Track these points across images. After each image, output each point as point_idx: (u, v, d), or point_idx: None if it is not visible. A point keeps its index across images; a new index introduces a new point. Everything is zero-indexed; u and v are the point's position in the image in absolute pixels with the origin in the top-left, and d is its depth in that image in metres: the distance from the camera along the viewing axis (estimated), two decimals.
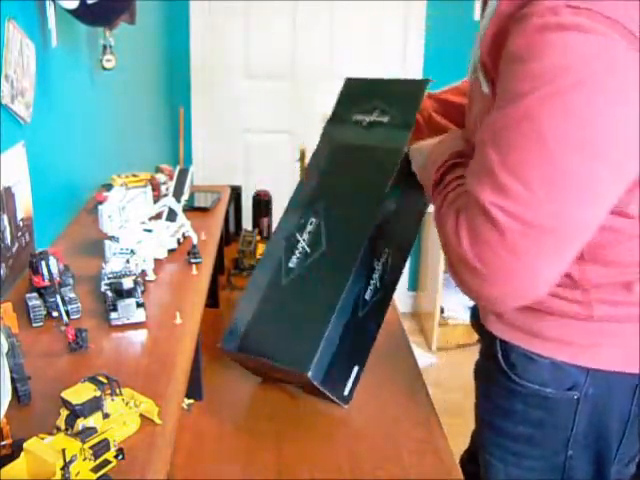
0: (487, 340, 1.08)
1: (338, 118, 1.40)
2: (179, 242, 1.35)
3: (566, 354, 0.98)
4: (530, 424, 1.04)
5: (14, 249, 1.20)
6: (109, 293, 1.07)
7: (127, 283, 1.07)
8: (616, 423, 1.02)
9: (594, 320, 0.96)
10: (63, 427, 0.77)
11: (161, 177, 1.62)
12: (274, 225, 1.99)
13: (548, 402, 1.02)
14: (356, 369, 1.16)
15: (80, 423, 0.76)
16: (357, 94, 1.43)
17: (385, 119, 1.13)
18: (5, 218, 1.16)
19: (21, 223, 1.23)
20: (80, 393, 0.78)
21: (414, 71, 3.06)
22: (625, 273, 0.94)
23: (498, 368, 1.04)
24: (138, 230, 1.26)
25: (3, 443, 0.77)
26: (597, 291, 0.95)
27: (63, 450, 0.69)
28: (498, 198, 0.79)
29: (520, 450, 1.07)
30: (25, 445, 0.72)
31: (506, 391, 1.05)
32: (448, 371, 2.82)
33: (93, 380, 0.80)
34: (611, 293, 0.94)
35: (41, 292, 1.07)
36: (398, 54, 3.09)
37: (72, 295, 1.08)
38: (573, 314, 0.96)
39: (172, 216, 1.36)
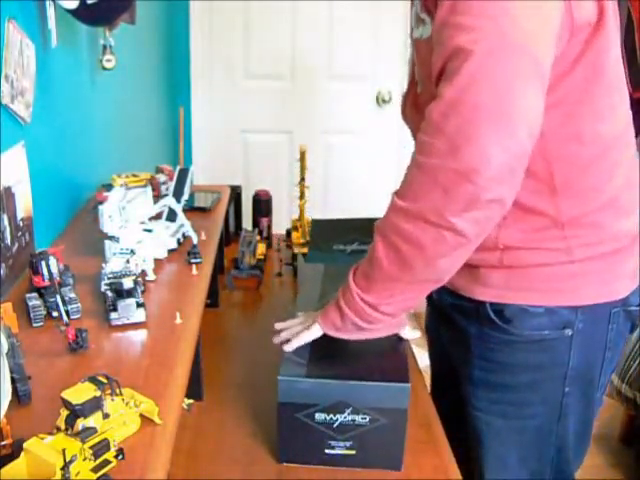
0: (469, 313, 1.15)
1: (317, 247, 1.50)
2: (179, 242, 1.35)
3: (556, 299, 1.08)
4: (531, 370, 1.13)
5: (14, 249, 1.20)
6: (109, 293, 1.07)
7: (127, 283, 1.07)
8: (599, 352, 1.14)
9: (575, 263, 1.06)
10: (63, 427, 0.77)
11: (161, 177, 1.62)
12: (274, 225, 2.00)
13: (546, 343, 1.10)
14: None
15: (80, 423, 0.76)
16: (330, 231, 1.54)
17: (366, 248, 1.13)
18: (5, 218, 1.16)
19: (21, 223, 1.23)
20: (80, 393, 0.77)
21: None
22: (594, 203, 1.05)
23: (493, 327, 1.11)
24: (138, 230, 1.26)
25: (3, 443, 0.77)
26: (574, 233, 1.05)
27: (63, 450, 0.69)
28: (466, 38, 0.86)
29: (521, 399, 1.15)
30: (25, 445, 0.72)
31: (504, 345, 1.12)
32: None
33: (93, 380, 0.80)
34: (586, 235, 1.05)
35: (41, 292, 1.07)
36: (398, 54, 3.08)
37: (72, 295, 1.08)
38: (557, 262, 1.06)
39: (172, 216, 1.36)
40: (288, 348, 1.07)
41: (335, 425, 1.03)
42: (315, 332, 1.07)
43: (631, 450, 2.44)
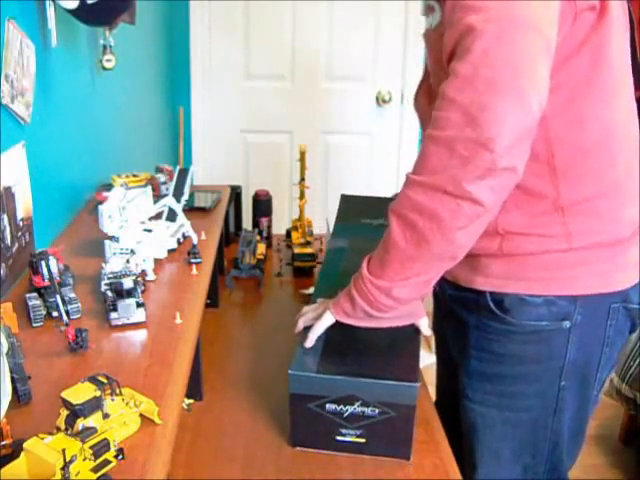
0: (469, 304, 1.16)
1: (344, 220, 1.51)
2: (179, 242, 1.35)
3: (554, 288, 1.09)
4: (527, 361, 1.13)
5: (14, 249, 1.20)
6: (109, 293, 1.07)
7: (127, 283, 1.07)
8: (596, 348, 1.14)
9: (574, 251, 1.06)
10: (63, 427, 0.77)
11: (161, 177, 1.62)
12: (274, 225, 2.00)
13: (544, 335, 1.11)
14: None
15: (80, 423, 0.76)
16: (358, 207, 1.56)
17: None
18: (5, 218, 1.16)
19: (21, 223, 1.23)
20: (80, 393, 0.78)
21: (414, 71, 3.07)
22: (595, 189, 1.05)
23: (492, 317, 1.12)
24: (138, 230, 1.26)
25: (3, 443, 0.77)
26: (574, 219, 1.05)
27: (63, 450, 0.69)
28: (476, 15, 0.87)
29: (517, 391, 1.15)
30: (25, 445, 0.72)
31: (502, 336, 1.13)
32: None
33: (93, 380, 0.80)
34: (585, 222, 1.06)
35: (41, 292, 1.07)
36: (398, 54, 3.09)
37: (72, 295, 1.08)
38: (556, 249, 1.06)
39: (172, 216, 1.36)
40: (308, 344, 1.09)
41: (345, 415, 1.04)
42: (326, 320, 1.08)
43: (631, 450, 2.44)
